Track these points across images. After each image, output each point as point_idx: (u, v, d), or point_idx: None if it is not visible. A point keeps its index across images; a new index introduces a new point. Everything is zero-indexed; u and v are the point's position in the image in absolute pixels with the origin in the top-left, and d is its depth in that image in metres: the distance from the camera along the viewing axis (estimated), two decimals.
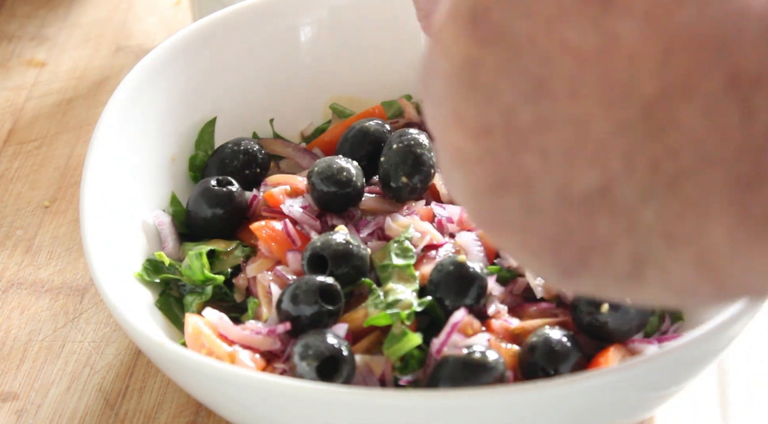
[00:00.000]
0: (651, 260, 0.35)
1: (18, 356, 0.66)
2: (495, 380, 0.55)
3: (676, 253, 0.34)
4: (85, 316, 0.68)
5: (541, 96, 0.35)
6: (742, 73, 0.32)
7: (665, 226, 0.34)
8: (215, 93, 0.71)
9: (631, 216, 0.34)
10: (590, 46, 0.34)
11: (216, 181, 0.66)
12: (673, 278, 0.35)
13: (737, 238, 0.33)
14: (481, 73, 0.35)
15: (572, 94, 0.34)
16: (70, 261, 0.72)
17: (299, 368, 0.55)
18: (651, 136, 0.33)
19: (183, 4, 0.95)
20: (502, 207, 0.36)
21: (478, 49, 0.35)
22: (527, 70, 0.35)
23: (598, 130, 0.34)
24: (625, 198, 0.34)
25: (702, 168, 0.33)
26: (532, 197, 0.36)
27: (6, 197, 0.77)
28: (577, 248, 0.36)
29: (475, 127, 0.36)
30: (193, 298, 0.63)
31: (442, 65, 0.36)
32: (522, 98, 0.35)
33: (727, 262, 0.34)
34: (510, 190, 0.36)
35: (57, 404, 0.63)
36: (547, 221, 0.36)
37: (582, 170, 0.34)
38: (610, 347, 0.57)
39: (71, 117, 0.83)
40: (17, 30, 0.93)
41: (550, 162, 0.35)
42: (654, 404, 0.55)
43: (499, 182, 0.36)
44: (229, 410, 0.55)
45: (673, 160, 0.33)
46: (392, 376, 0.57)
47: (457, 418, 0.50)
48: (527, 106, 0.35)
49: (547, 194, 0.35)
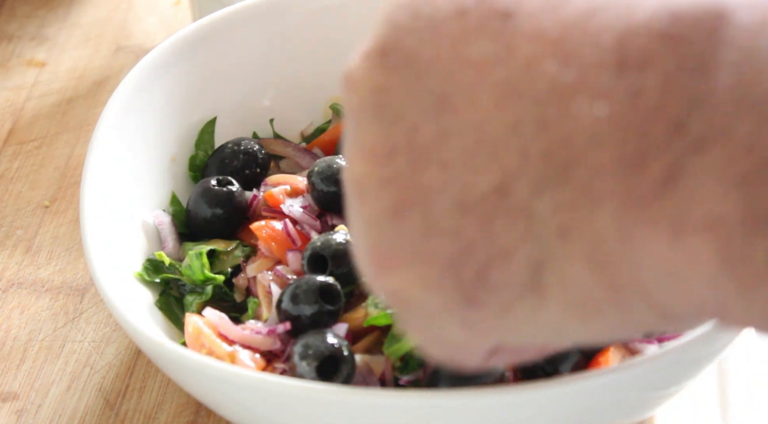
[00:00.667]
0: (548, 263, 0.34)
1: (18, 356, 0.66)
2: (495, 380, 0.55)
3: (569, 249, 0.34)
4: (85, 316, 0.68)
5: (443, 110, 0.35)
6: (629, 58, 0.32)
7: (559, 219, 0.34)
8: (215, 93, 0.71)
9: (527, 213, 0.34)
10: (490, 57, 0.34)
11: (216, 181, 0.66)
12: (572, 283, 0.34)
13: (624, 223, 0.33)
14: (387, 99, 0.36)
15: (471, 103, 0.34)
16: (70, 261, 0.72)
17: (299, 368, 0.55)
18: (543, 128, 0.33)
19: (183, 4, 0.95)
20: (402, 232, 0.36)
21: (385, 77, 0.36)
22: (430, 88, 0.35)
23: (493, 131, 0.34)
24: (521, 194, 0.34)
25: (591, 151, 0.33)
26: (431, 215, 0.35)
27: (6, 197, 0.77)
28: (475, 263, 0.35)
29: (380, 151, 0.36)
30: (193, 298, 0.63)
31: (352, 100, 0.37)
32: (425, 116, 0.35)
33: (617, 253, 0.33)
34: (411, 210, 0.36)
35: (57, 404, 0.63)
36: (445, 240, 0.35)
37: (479, 173, 0.34)
38: (610, 347, 0.57)
39: (71, 117, 0.83)
40: (17, 30, 0.93)
41: (450, 172, 0.35)
42: (654, 404, 0.55)
43: (401, 204, 0.36)
44: (229, 410, 0.55)
45: (565, 148, 0.33)
46: (392, 376, 0.57)
47: (457, 418, 0.50)
48: (429, 122, 0.35)
49: (446, 207, 0.35)
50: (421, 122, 0.35)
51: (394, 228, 0.36)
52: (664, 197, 0.32)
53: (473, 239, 0.35)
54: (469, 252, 0.35)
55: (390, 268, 0.37)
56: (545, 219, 0.34)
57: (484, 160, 0.34)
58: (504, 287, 0.35)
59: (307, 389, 0.50)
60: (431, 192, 0.35)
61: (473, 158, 0.35)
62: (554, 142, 0.33)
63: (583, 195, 0.33)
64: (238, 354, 0.56)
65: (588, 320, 0.35)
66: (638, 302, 0.34)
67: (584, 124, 0.33)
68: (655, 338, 0.59)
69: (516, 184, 0.34)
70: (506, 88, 0.34)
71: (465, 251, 0.35)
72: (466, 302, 0.36)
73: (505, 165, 0.34)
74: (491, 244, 0.35)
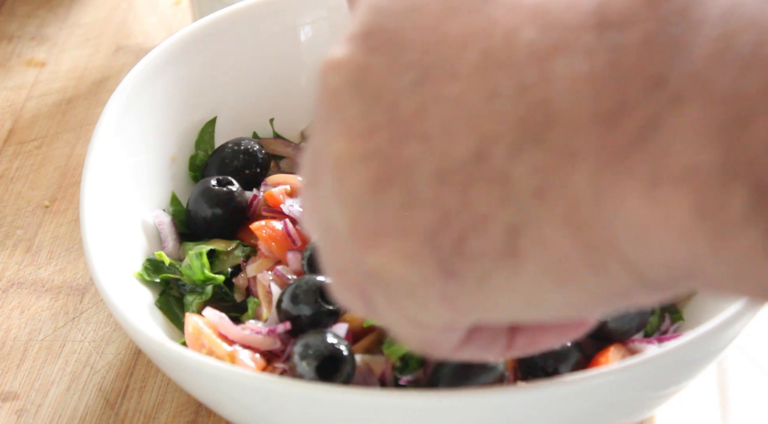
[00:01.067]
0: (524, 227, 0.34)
1: (18, 356, 0.66)
2: (494, 380, 0.55)
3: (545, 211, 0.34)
4: (85, 316, 0.68)
5: (424, 84, 0.35)
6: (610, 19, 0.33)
7: (535, 180, 0.34)
8: (215, 93, 0.71)
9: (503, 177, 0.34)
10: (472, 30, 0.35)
11: (216, 181, 0.66)
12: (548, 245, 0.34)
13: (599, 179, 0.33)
14: (367, 77, 0.36)
15: (451, 75, 0.35)
16: (70, 261, 0.72)
17: (299, 368, 0.55)
18: (522, 92, 0.33)
19: (183, 4, 0.95)
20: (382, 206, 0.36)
21: (367, 57, 0.36)
22: (411, 63, 0.35)
23: (472, 100, 0.34)
24: (498, 158, 0.34)
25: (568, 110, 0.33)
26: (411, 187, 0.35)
27: (6, 197, 0.77)
28: (453, 232, 0.35)
29: (363, 128, 0.36)
30: (193, 298, 0.63)
31: (332, 80, 0.37)
32: (405, 90, 0.35)
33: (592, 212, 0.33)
34: (392, 184, 0.36)
35: (57, 404, 0.63)
36: (423, 211, 0.35)
37: (457, 141, 0.35)
38: (610, 347, 0.57)
39: (71, 117, 0.83)
40: (17, 30, 0.93)
41: (431, 143, 0.35)
42: (654, 404, 0.55)
43: (381, 178, 0.36)
44: (229, 410, 0.55)
45: (543, 109, 0.33)
46: (392, 376, 0.57)
47: (457, 418, 0.50)
48: (410, 96, 0.35)
49: (425, 178, 0.35)
50: (401, 97, 0.36)
51: (374, 203, 0.36)
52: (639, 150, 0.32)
53: (450, 207, 0.35)
54: (446, 222, 0.35)
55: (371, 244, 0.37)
56: (521, 182, 0.34)
57: (462, 128, 0.34)
58: (481, 255, 0.35)
59: (307, 389, 0.50)
60: (411, 164, 0.35)
61: (452, 128, 0.35)
62: (532, 104, 0.33)
63: (559, 154, 0.33)
64: (238, 354, 0.56)
65: (564, 284, 0.35)
66: (612, 263, 0.34)
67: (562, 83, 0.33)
68: (655, 338, 0.59)
69: (493, 149, 0.34)
70: (486, 58, 0.34)
71: (442, 221, 0.35)
72: (444, 274, 0.36)
73: (483, 131, 0.34)
74: (467, 212, 0.35)
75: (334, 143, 0.37)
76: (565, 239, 0.34)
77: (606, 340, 0.58)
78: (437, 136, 0.35)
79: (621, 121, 0.32)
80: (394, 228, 0.36)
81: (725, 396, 0.63)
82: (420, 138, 0.35)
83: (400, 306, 0.38)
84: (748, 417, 0.62)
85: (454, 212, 0.35)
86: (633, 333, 0.58)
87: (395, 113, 0.36)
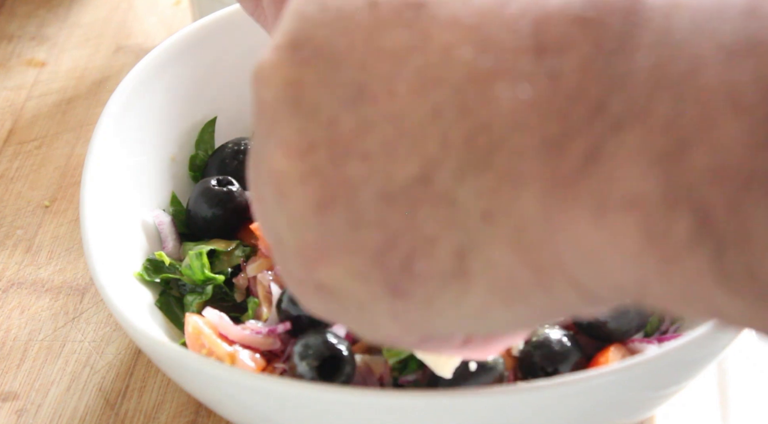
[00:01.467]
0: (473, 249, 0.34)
1: (18, 356, 0.66)
2: (494, 380, 0.55)
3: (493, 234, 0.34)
4: (85, 316, 0.68)
5: (362, 101, 0.35)
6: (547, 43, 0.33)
7: (482, 203, 0.34)
8: (215, 93, 0.71)
9: (450, 200, 0.34)
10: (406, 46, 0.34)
11: (216, 181, 0.66)
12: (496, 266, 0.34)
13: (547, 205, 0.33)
14: (302, 93, 0.35)
15: (390, 93, 0.34)
16: (70, 261, 0.72)
17: (299, 368, 0.55)
18: (464, 114, 0.33)
19: (183, 4, 0.95)
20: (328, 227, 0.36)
21: (298, 70, 0.36)
22: (347, 79, 0.35)
23: (413, 119, 0.34)
24: (443, 181, 0.34)
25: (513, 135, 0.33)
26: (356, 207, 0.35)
27: (6, 197, 0.77)
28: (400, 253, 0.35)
29: (300, 146, 0.36)
30: (193, 298, 0.63)
31: (265, 94, 0.36)
32: (343, 107, 0.35)
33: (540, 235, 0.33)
34: (336, 204, 0.35)
35: (57, 404, 0.63)
36: (371, 231, 0.35)
37: (401, 162, 0.34)
38: (610, 347, 0.57)
39: (71, 117, 0.83)
40: (17, 30, 0.93)
41: (372, 163, 0.35)
42: (654, 404, 0.55)
43: (325, 197, 0.35)
44: (229, 410, 0.55)
45: (486, 133, 0.33)
46: (391, 377, 0.57)
47: (457, 418, 0.50)
48: (348, 114, 0.35)
49: (370, 198, 0.35)
50: (339, 114, 0.35)
51: (320, 222, 0.36)
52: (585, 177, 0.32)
53: (398, 229, 0.35)
54: (394, 242, 0.35)
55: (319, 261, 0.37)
56: (469, 205, 0.34)
57: (404, 149, 0.34)
58: (429, 276, 0.35)
59: (307, 389, 0.50)
60: (354, 184, 0.35)
61: (394, 148, 0.34)
62: (475, 127, 0.33)
63: (506, 178, 0.33)
64: (238, 354, 0.56)
65: (512, 303, 0.35)
66: (561, 283, 0.34)
67: (505, 108, 0.33)
68: (655, 338, 0.59)
69: (438, 172, 0.34)
70: (424, 76, 0.34)
71: (390, 242, 0.35)
72: (392, 293, 0.36)
73: (426, 153, 0.34)
74: (415, 233, 0.35)
75: (272, 161, 0.36)
76: (512, 261, 0.34)
77: (606, 340, 0.58)
78: (379, 155, 0.35)
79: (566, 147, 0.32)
80: (341, 246, 0.36)
81: (725, 396, 0.63)
82: (361, 157, 0.35)
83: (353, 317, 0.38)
84: (748, 417, 0.62)
85: (401, 233, 0.35)
86: (633, 333, 0.58)
87: (334, 131, 0.35)
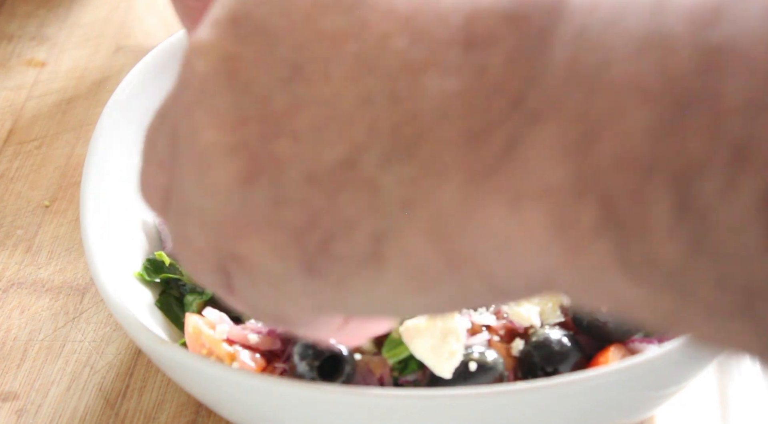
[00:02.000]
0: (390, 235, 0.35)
1: (18, 356, 0.66)
2: (494, 380, 0.55)
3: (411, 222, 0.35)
4: (86, 316, 0.68)
5: (296, 81, 0.36)
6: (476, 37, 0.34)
7: (403, 191, 0.34)
8: None
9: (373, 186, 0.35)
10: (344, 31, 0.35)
11: None
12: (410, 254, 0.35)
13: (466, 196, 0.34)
14: (239, 68, 0.36)
15: (324, 76, 0.35)
16: (70, 261, 0.72)
17: (299, 368, 0.55)
18: (394, 103, 0.34)
19: None
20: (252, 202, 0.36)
21: (237, 46, 0.36)
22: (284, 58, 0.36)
23: (344, 104, 0.35)
24: (368, 166, 0.35)
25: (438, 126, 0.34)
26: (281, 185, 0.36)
27: (6, 197, 0.77)
28: (319, 233, 0.36)
29: (232, 119, 0.36)
30: (194, 297, 0.63)
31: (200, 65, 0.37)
32: (277, 86, 0.36)
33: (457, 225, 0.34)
34: (261, 179, 0.36)
35: (57, 404, 0.63)
36: (293, 209, 0.36)
37: (328, 145, 0.35)
38: (610, 347, 0.57)
39: (71, 117, 0.83)
40: (17, 30, 0.93)
41: (301, 143, 0.35)
42: (654, 404, 0.55)
43: (251, 172, 0.36)
44: (229, 410, 0.55)
45: (413, 123, 0.34)
46: (391, 377, 0.57)
47: (457, 418, 0.50)
48: (282, 92, 0.36)
49: (296, 177, 0.36)
50: (273, 92, 0.36)
51: (243, 196, 0.36)
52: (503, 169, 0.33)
53: (319, 209, 0.36)
54: (314, 223, 0.36)
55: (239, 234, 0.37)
56: (390, 192, 0.35)
57: (333, 132, 0.35)
58: (344, 258, 0.36)
59: (307, 389, 0.50)
60: (281, 162, 0.36)
61: (323, 130, 0.35)
62: (403, 116, 0.34)
63: (428, 168, 0.34)
64: (238, 354, 0.56)
65: (423, 291, 0.36)
66: (472, 274, 0.35)
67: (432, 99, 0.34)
68: (655, 338, 0.59)
69: (363, 157, 0.35)
70: (359, 62, 0.35)
71: (310, 222, 0.36)
72: (308, 271, 0.37)
73: (354, 138, 0.35)
74: (336, 215, 0.36)
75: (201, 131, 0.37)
76: (427, 249, 0.35)
77: (606, 340, 0.58)
78: (308, 136, 0.35)
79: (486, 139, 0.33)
80: (262, 222, 0.37)
81: (725, 396, 0.63)
82: (291, 136, 0.36)
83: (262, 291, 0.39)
84: (748, 417, 0.62)
85: (323, 213, 0.36)
86: (633, 333, 0.58)
87: (266, 108, 0.36)
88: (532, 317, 0.58)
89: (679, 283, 0.31)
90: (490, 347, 0.56)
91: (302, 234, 0.36)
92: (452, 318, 0.55)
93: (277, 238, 0.37)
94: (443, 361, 0.54)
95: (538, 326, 0.58)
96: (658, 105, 0.30)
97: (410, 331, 0.55)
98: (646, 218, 0.30)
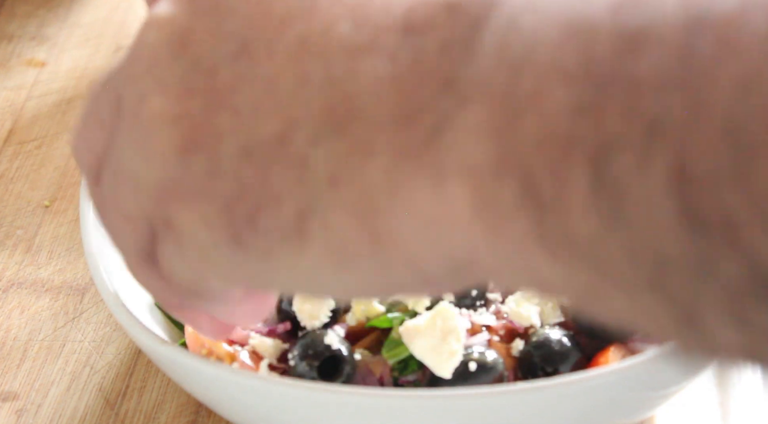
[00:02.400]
0: (315, 210, 0.36)
1: (18, 356, 0.66)
2: (494, 380, 0.55)
3: (337, 198, 0.36)
4: (86, 316, 0.68)
5: (243, 58, 0.37)
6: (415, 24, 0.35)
7: (331, 168, 0.36)
8: None
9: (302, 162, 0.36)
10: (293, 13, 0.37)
11: None
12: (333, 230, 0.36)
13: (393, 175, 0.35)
14: (189, 41, 0.38)
15: (269, 54, 0.36)
16: (70, 261, 0.72)
17: (299, 368, 0.55)
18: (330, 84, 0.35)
19: None
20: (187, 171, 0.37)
21: (191, 19, 0.38)
22: (233, 34, 0.37)
23: (284, 82, 0.36)
24: (299, 143, 0.36)
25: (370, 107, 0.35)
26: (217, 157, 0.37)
27: (6, 197, 0.77)
28: (248, 206, 0.37)
29: (178, 89, 0.37)
30: None
31: (152, 36, 0.38)
32: (225, 60, 0.37)
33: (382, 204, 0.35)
34: (199, 150, 0.37)
35: (57, 404, 0.63)
36: (226, 181, 0.37)
37: (264, 121, 0.36)
38: (610, 347, 0.57)
39: (71, 117, 0.83)
40: (17, 30, 0.93)
41: (240, 118, 0.37)
42: (654, 404, 0.55)
43: (190, 142, 0.37)
44: (229, 410, 0.55)
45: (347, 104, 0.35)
46: (391, 377, 0.57)
47: (457, 418, 0.50)
48: (228, 67, 0.37)
49: (231, 151, 0.37)
50: (220, 67, 0.37)
51: (180, 164, 0.38)
52: (429, 150, 0.34)
53: (250, 183, 0.37)
54: (243, 195, 0.37)
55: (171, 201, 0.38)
56: (318, 168, 0.36)
57: (270, 109, 0.36)
58: (270, 231, 0.37)
59: (307, 389, 0.50)
60: (220, 135, 0.37)
61: (261, 107, 0.36)
62: (338, 97, 0.35)
63: (357, 147, 0.35)
64: (238, 354, 0.56)
65: (345, 268, 0.37)
66: (395, 254, 0.36)
67: (367, 82, 0.35)
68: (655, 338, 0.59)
69: (296, 134, 0.36)
70: (302, 43, 0.36)
71: (240, 194, 0.37)
72: (234, 243, 0.38)
73: (289, 115, 0.36)
74: (265, 189, 0.37)
75: (147, 100, 0.38)
76: (350, 226, 0.36)
77: (606, 340, 0.58)
78: (247, 112, 0.37)
79: (415, 120, 0.34)
80: (195, 191, 0.38)
81: (725, 396, 0.63)
82: (231, 111, 0.37)
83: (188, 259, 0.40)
84: (748, 417, 0.62)
85: (252, 187, 0.37)
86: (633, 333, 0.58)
87: (212, 82, 0.37)
88: (532, 317, 0.58)
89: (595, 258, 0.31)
90: (490, 347, 0.56)
91: (232, 206, 0.37)
92: (452, 318, 0.55)
93: (208, 208, 0.38)
94: (443, 361, 0.54)
95: (538, 326, 0.58)
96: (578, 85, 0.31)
97: (410, 331, 0.55)
98: (565, 194, 0.31)
